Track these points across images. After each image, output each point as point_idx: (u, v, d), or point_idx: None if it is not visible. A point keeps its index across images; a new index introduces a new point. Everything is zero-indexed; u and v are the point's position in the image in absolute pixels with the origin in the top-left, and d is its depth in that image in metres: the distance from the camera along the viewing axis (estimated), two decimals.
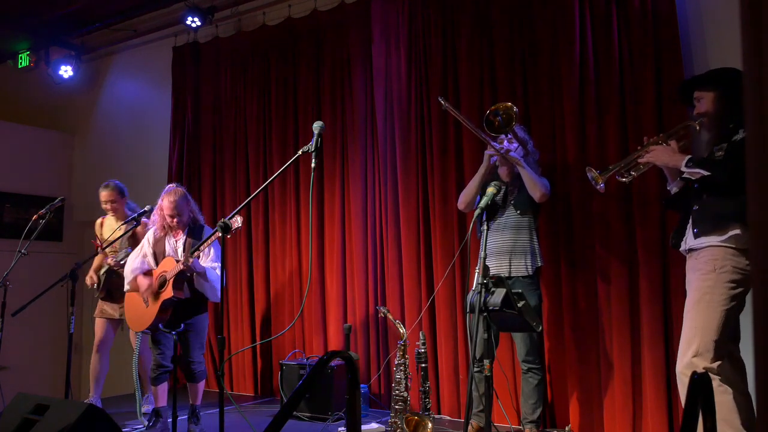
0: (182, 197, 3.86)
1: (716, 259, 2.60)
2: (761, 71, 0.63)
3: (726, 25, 3.55)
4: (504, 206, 3.57)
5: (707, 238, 2.64)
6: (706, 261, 2.63)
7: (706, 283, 2.61)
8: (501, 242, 3.53)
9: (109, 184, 4.48)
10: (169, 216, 3.81)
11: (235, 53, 5.56)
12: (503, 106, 3.38)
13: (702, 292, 2.62)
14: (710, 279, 2.60)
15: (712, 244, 2.62)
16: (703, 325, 2.58)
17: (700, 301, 2.62)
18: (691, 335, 2.62)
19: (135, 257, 3.90)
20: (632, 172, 2.97)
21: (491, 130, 3.37)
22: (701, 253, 2.67)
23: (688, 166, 2.67)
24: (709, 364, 2.54)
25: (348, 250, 4.79)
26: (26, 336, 5.74)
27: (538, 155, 3.69)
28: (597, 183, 2.99)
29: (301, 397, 1.94)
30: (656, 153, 2.84)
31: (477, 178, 3.61)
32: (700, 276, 2.65)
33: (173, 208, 3.80)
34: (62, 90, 6.59)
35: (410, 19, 4.57)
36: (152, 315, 3.73)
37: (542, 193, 3.46)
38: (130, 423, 4.13)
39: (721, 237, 2.60)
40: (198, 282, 3.75)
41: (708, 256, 2.63)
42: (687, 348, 2.63)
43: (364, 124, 4.79)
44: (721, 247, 2.60)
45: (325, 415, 4.07)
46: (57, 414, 2.52)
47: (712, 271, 2.60)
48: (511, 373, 3.93)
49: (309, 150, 2.63)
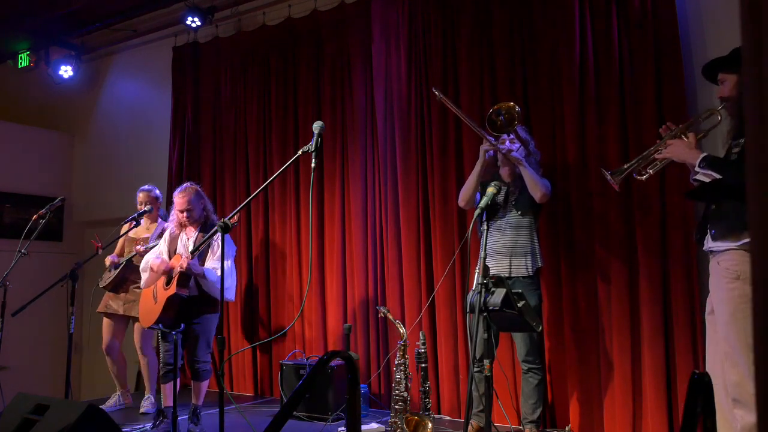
0: (195, 194, 3.93)
1: (737, 265, 2.49)
2: (761, 71, 0.63)
3: (726, 25, 3.54)
4: (505, 206, 3.57)
5: (724, 242, 2.54)
6: (728, 267, 2.52)
7: (736, 293, 2.49)
8: (501, 242, 3.53)
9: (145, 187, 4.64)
10: (179, 211, 3.88)
11: (235, 53, 5.56)
12: (506, 105, 3.37)
13: (736, 302, 2.48)
14: (737, 288, 2.48)
15: (731, 248, 2.52)
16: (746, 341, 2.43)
17: (735, 313, 2.48)
18: (737, 353, 2.46)
19: (152, 253, 3.97)
20: (649, 170, 2.83)
21: (493, 129, 3.37)
22: (722, 258, 2.56)
23: (701, 167, 2.55)
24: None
25: (348, 250, 4.78)
26: (26, 336, 5.74)
27: (540, 156, 3.69)
28: (614, 182, 2.92)
29: (301, 397, 1.94)
30: (674, 148, 2.69)
31: (474, 174, 3.61)
32: (726, 285, 2.53)
33: (185, 203, 3.87)
34: (62, 90, 6.59)
35: (410, 19, 4.57)
36: (158, 311, 3.75)
37: (543, 194, 3.46)
38: (129, 423, 4.13)
39: (737, 242, 2.50)
40: (203, 282, 3.77)
41: (730, 261, 2.52)
42: (732, 367, 2.46)
43: (364, 124, 4.79)
44: (739, 251, 2.50)
45: (325, 415, 4.07)
46: (57, 414, 2.52)
47: (737, 279, 2.49)
48: (511, 373, 3.92)
49: (309, 150, 2.63)
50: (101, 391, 5.29)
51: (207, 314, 3.84)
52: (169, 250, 3.94)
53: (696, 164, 2.57)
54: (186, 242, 3.91)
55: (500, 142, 3.54)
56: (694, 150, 2.65)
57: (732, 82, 2.62)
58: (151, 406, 4.41)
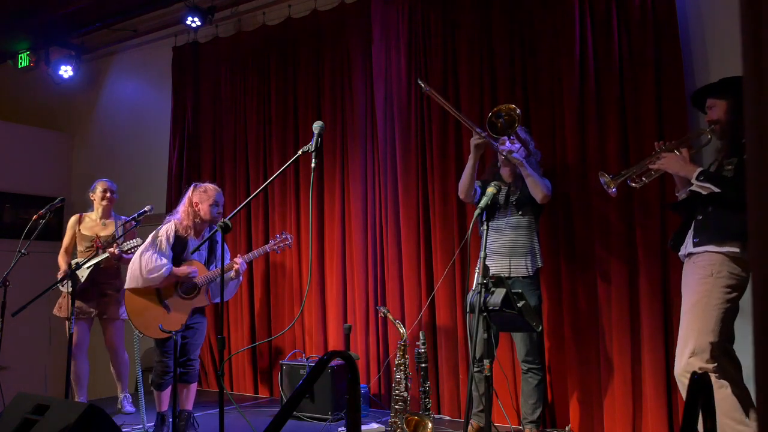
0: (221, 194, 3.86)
1: (713, 264, 2.66)
2: (761, 71, 0.63)
3: (726, 25, 3.55)
4: (506, 206, 3.57)
5: (707, 246, 2.70)
6: (704, 266, 2.69)
7: (703, 287, 2.66)
8: (501, 242, 3.53)
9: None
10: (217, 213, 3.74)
11: (235, 53, 5.56)
12: (506, 107, 3.35)
13: (699, 295, 2.67)
14: (708, 283, 2.66)
15: (710, 251, 2.68)
16: (699, 327, 2.63)
17: (697, 304, 2.67)
18: (687, 337, 2.68)
19: (153, 255, 3.65)
20: (644, 178, 3.02)
21: (494, 131, 3.35)
22: (699, 258, 2.72)
23: (699, 180, 2.71)
24: (704, 364, 2.59)
25: (348, 250, 4.78)
26: (26, 336, 5.74)
27: (540, 156, 3.69)
28: (609, 188, 3.03)
29: (301, 397, 1.94)
30: (668, 161, 2.87)
31: (468, 166, 3.57)
32: (697, 280, 2.70)
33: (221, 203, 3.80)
34: (62, 90, 6.59)
35: (410, 19, 4.57)
36: (179, 321, 3.66)
37: (544, 194, 3.46)
38: (129, 424, 4.13)
39: (720, 247, 2.66)
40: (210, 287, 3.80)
41: (706, 260, 2.69)
42: (683, 349, 2.68)
43: (364, 124, 4.79)
44: (718, 254, 2.66)
45: (325, 415, 4.07)
46: (57, 414, 2.52)
47: (710, 276, 2.66)
48: (511, 373, 3.92)
49: (309, 150, 2.63)
50: (101, 391, 5.29)
51: (203, 315, 3.85)
52: (174, 254, 3.74)
53: (693, 177, 2.74)
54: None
55: (500, 142, 3.54)
56: (689, 164, 2.84)
57: (722, 108, 2.83)
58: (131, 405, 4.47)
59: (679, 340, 2.75)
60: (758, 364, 0.66)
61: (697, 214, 2.79)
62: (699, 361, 2.60)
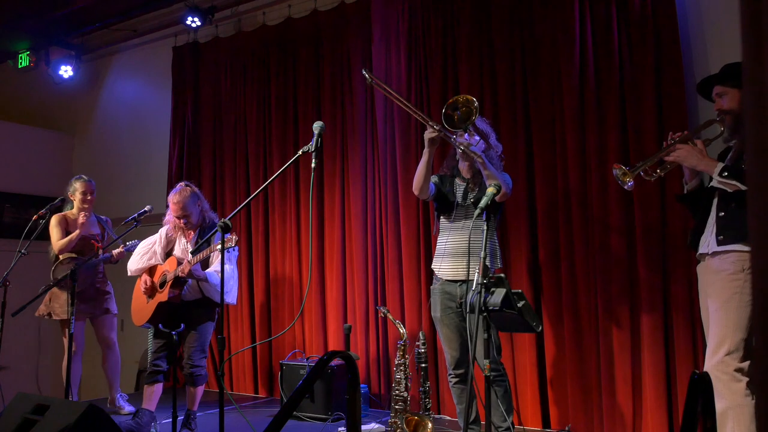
0: (190, 197, 3.71)
1: (744, 260, 2.54)
2: (761, 70, 0.63)
3: (726, 25, 3.55)
4: (464, 205, 3.29)
5: (734, 245, 2.58)
6: (734, 262, 2.57)
7: (735, 284, 2.55)
8: (459, 243, 3.25)
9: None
10: (177, 217, 3.69)
11: (235, 53, 5.56)
12: (463, 98, 3.07)
13: (732, 291, 2.55)
14: (739, 279, 2.54)
15: (738, 249, 2.57)
16: (735, 324, 2.52)
17: (730, 300, 2.55)
18: (723, 334, 2.55)
19: (141, 255, 3.85)
20: (658, 171, 2.87)
21: (450, 125, 3.06)
22: (728, 256, 2.60)
23: (723, 176, 2.56)
24: (739, 363, 2.50)
25: (348, 250, 4.78)
26: (26, 336, 5.74)
27: (501, 149, 3.44)
28: (624, 181, 2.82)
29: (301, 397, 1.94)
30: (684, 153, 2.70)
31: (423, 162, 3.24)
32: (727, 276, 2.58)
33: (180, 209, 3.67)
34: (62, 90, 6.59)
35: (410, 19, 4.57)
36: (149, 313, 3.73)
37: (503, 192, 3.07)
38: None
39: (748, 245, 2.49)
40: (205, 286, 3.69)
41: (735, 257, 2.57)
42: (719, 347, 2.55)
43: (364, 124, 4.79)
44: (748, 252, 2.52)
45: (325, 415, 4.07)
46: (57, 414, 2.52)
47: (741, 272, 2.54)
48: (511, 373, 3.92)
49: (309, 150, 2.63)
50: (101, 391, 5.28)
51: (206, 319, 3.77)
52: (164, 252, 3.85)
53: (716, 173, 2.59)
54: (185, 246, 3.79)
55: (459, 135, 3.25)
56: (708, 158, 2.67)
57: (734, 96, 2.66)
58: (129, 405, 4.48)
59: (711, 337, 2.61)
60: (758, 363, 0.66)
61: (719, 211, 2.64)
62: (734, 360, 2.50)
